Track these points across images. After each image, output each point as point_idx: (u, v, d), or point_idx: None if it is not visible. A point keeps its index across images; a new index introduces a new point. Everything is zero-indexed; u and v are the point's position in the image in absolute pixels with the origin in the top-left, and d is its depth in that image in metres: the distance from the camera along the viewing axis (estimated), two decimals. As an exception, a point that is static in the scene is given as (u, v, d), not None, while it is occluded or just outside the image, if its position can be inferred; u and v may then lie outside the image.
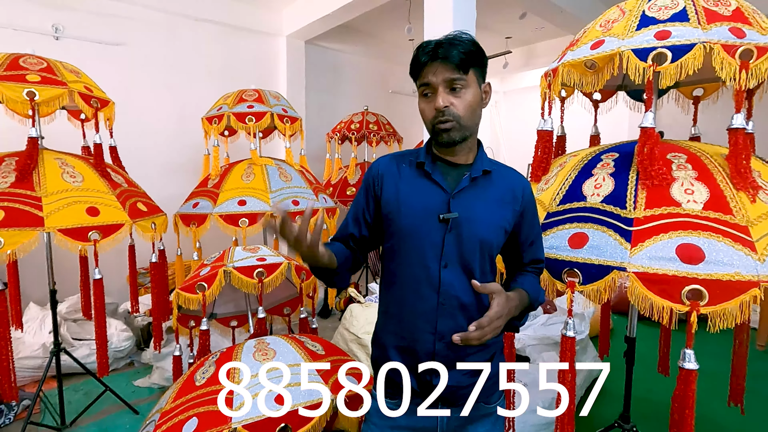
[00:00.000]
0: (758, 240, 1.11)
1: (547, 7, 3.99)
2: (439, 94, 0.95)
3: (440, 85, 0.95)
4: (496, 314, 0.89)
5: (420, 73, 0.98)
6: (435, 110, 0.96)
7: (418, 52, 0.98)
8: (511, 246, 1.09)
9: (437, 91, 0.96)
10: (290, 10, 4.60)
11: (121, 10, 3.72)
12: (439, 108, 0.95)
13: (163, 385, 2.80)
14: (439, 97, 0.95)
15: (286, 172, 2.86)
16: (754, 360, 2.97)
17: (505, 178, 1.05)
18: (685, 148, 1.35)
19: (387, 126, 4.52)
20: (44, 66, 2.03)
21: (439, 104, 0.95)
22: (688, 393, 1.11)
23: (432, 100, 0.97)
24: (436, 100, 0.95)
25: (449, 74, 0.94)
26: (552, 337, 2.74)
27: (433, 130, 0.99)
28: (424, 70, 0.97)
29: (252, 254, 1.98)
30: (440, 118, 0.96)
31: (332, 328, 3.68)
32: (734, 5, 1.28)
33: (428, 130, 1.01)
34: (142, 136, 3.86)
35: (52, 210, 1.84)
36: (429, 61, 0.96)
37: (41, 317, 2.96)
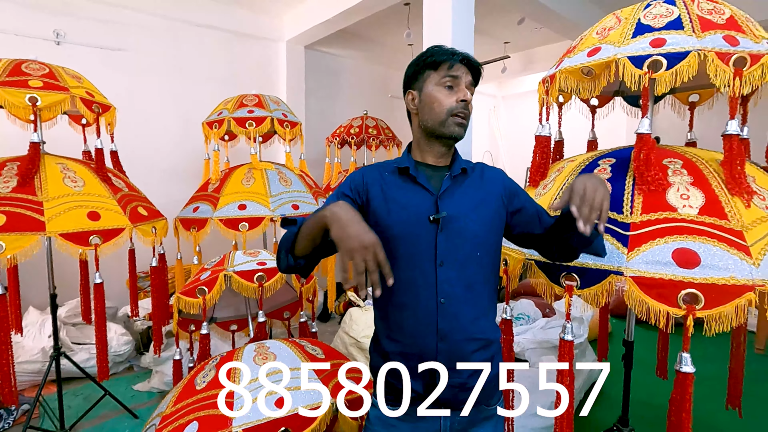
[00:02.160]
0: (753, 244, 1.12)
1: (545, 12, 4.03)
2: (464, 90, 1.03)
3: (464, 83, 1.03)
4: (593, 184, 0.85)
5: (451, 66, 1.03)
6: (459, 101, 1.02)
7: (443, 49, 1.04)
8: (531, 224, 1.09)
9: (461, 88, 1.03)
10: (291, 16, 4.64)
11: (123, 17, 3.75)
12: (467, 99, 1.02)
13: (162, 389, 2.80)
14: (466, 91, 1.03)
15: (286, 176, 2.88)
16: (753, 363, 2.99)
17: (480, 174, 1.11)
18: (680, 154, 1.37)
19: (386, 130, 4.54)
20: (46, 72, 2.05)
21: (468, 96, 1.02)
22: (685, 396, 1.12)
23: (454, 92, 1.03)
24: (464, 92, 1.02)
25: (471, 78, 1.05)
26: (551, 341, 2.75)
27: (446, 121, 1.03)
28: (456, 65, 1.03)
29: (252, 258, 1.99)
30: (462, 109, 1.03)
31: (332, 332, 3.68)
32: (728, 13, 1.30)
33: (437, 120, 1.03)
34: (143, 140, 3.88)
35: (53, 215, 1.85)
36: (459, 61, 1.03)
37: (41, 321, 2.96)
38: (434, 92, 1.03)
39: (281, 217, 1.07)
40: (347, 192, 1.07)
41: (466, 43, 2.96)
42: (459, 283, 1.00)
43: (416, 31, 4.40)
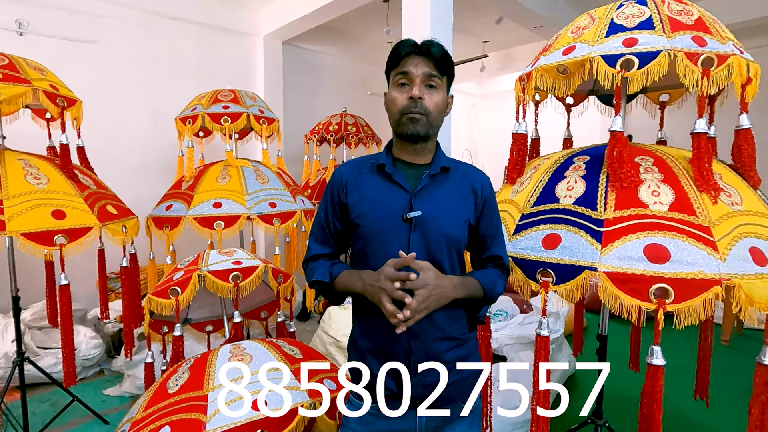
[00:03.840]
0: (719, 240, 1.15)
1: (523, 12, 4.08)
2: (416, 85, 0.98)
3: (418, 77, 0.99)
4: (422, 283, 0.92)
5: (399, 63, 1.00)
6: (409, 99, 0.98)
7: (399, 45, 1.00)
8: (472, 242, 1.11)
9: (414, 83, 0.99)
10: (268, 11, 4.55)
11: (92, 7, 3.60)
12: (414, 96, 0.98)
13: (134, 393, 2.71)
14: (415, 87, 0.98)
15: (262, 173, 2.82)
16: (720, 354, 3.11)
17: (464, 174, 1.08)
18: (651, 152, 1.40)
19: (365, 128, 4.52)
20: (6, 63, 1.94)
21: (414, 93, 0.98)
22: (656, 388, 1.15)
23: (406, 90, 1.00)
24: (412, 90, 0.98)
25: (428, 69, 0.98)
26: (529, 337, 2.79)
27: (400, 120, 1.01)
28: (405, 60, 0.99)
29: (228, 257, 1.94)
30: (412, 108, 0.98)
31: (311, 331, 3.64)
32: (696, 15, 1.33)
33: (393, 120, 1.03)
34: (114, 136, 3.74)
35: (14, 213, 1.76)
36: (411, 54, 0.99)
37: (3, 325, 2.83)
38: (391, 92, 1.03)
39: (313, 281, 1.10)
40: (333, 196, 1.08)
41: (445, 41, 2.97)
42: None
43: (395, 28, 4.39)
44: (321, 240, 1.12)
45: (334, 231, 1.10)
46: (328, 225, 1.10)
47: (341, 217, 1.08)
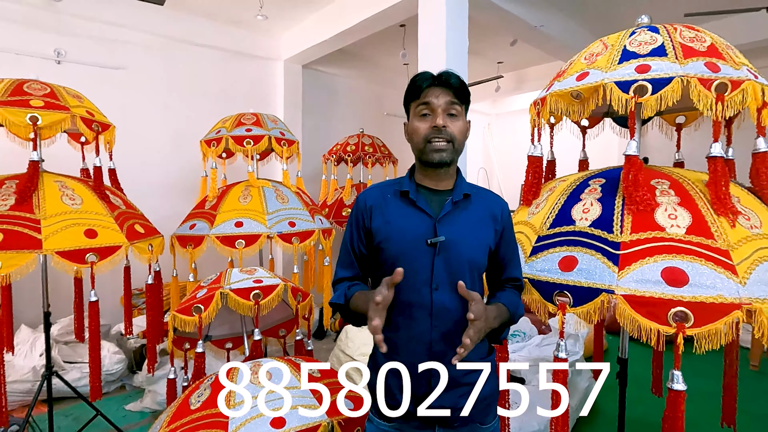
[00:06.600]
0: (739, 264, 1.15)
1: (537, 35, 4.14)
2: (438, 114, 1.02)
3: (440, 107, 1.03)
4: (479, 314, 0.93)
5: (420, 94, 1.04)
6: (432, 128, 1.02)
7: (419, 78, 1.05)
8: (490, 265, 1.14)
9: (436, 113, 1.03)
10: (288, 36, 4.73)
11: (121, 35, 3.82)
12: (438, 125, 1.02)
13: (155, 409, 2.75)
14: (438, 117, 1.02)
15: (282, 193, 2.90)
16: (748, 380, 3.00)
17: (484, 200, 1.12)
18: (668, 175, 1.41)
19: (382, 148, 4.60)
20: (48, 92, 2.08)
21: (438, 122, 1.02)
22: (677, 414, 1.14)
23: (429, 119, 1.04)
24: (436, 119, 1.02)
25: (449, 98, 1.03)
26: (547, 358, 2.75)
27: (425, 149, 1.04)
28: (426, 91, 1.04)
29: (249, 276, 2.00)
30: (437, 135, 1.02)
31: (327, 349, 3.65)
32: (709, 41, 1.35)
33: (418, 149, 1.06)
34: (140, 157, 3.90)
35: (50, 232, 1.86)
36: (431, 85, 1.04)
37: (32, 340, 2.92)
38: (413, 122, 1.07)
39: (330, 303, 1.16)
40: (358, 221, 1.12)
41: (460, 63, 3.04)
42: (454, 308, 1.02)
43: (412, 51, 4.50)
44: (346, 264, 1.16)
45: (359, 255, 1.14)
46: (353, 249, 1.13)
47: (365, 241, 1.12)
